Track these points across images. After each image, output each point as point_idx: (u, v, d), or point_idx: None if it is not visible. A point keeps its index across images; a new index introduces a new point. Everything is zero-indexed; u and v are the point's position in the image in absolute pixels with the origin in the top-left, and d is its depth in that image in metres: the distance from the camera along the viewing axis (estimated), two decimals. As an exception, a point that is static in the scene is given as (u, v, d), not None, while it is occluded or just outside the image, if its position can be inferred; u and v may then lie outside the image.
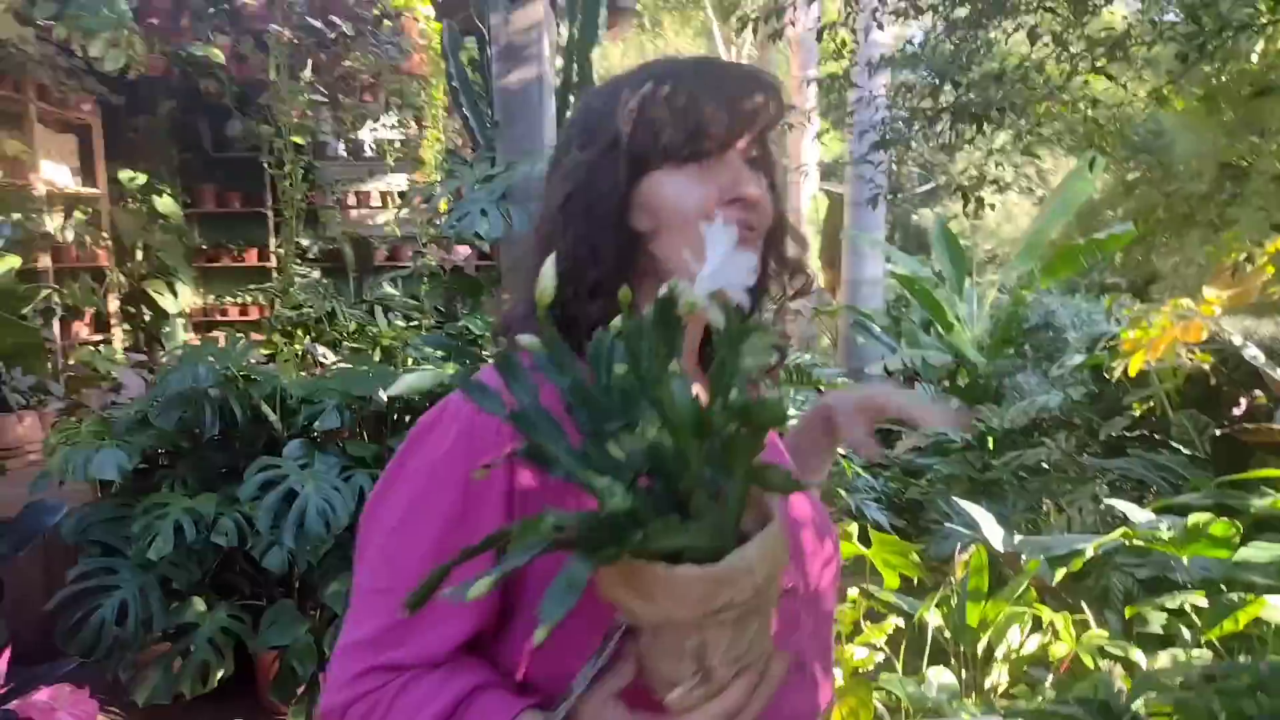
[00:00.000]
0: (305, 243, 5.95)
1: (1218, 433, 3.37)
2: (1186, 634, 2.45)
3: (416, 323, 4.16)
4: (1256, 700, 1.04)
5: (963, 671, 2.60)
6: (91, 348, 4.92)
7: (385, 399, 3.27)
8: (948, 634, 2.67)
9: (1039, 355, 5.43)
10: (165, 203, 5.70)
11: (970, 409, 5.12)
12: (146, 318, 5.69)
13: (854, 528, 2.71)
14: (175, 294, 5.71)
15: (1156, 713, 1.35)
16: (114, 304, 5.54)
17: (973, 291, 6.04)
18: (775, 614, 0.69)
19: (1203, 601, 2.44)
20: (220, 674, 3.04)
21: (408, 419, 3.36)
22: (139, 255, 5.72)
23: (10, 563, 3.40)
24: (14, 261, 1.71)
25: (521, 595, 0.81)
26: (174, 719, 3.24)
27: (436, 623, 0.79)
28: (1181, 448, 3.67)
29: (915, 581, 2.85)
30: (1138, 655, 2.31)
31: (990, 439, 4.87)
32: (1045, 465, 4.40)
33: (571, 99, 4.02)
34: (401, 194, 6.01)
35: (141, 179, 5.57)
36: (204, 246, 6.22)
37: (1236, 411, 3.33)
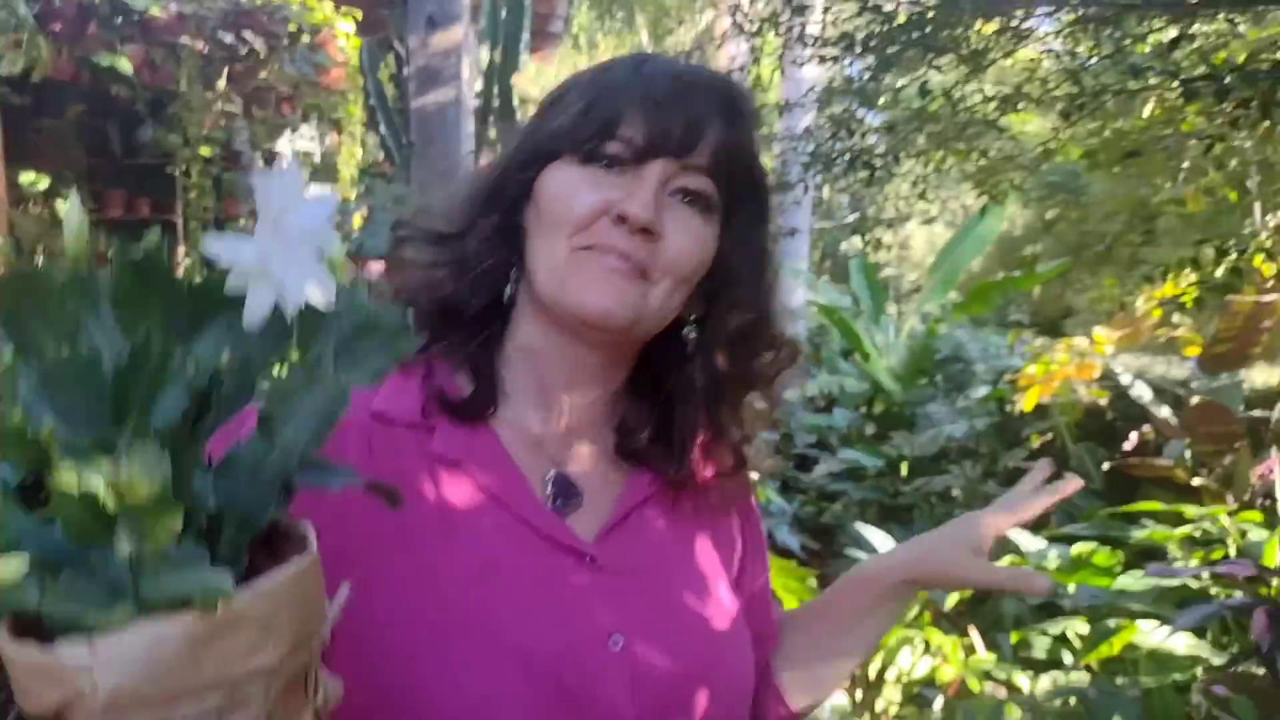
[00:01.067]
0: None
1: (1105, 466, 3.51)
2: (1069, 658, 2.53)
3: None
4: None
5: (857, 693, 2.65)
6: (-17, 358, 4.73)
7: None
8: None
9: (949, 386, 5.59)
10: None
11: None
12: (45, 328, 5.50)
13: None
14: (77, 304, 5.53)
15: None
16: (10, 313, 5.33)
17: (889, 322, 6.19)
18: None
19: (1084, 627, 2.53)
20: None
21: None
22: (40, 261, 5.53)
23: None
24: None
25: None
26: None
27: None
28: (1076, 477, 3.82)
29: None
30: (1021, 679, 2.38)
31: (903, 465, 4.99)
32: (953, 492, 4.53)
33: (491, 121, 4.05)
34: (318, 208, 5.94)
35: (45, 183, 5.40)
36: (109, 254, 6.04)
37: (1127, 446, 3.47)
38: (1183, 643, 2.29)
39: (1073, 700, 2.18)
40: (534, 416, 0.76)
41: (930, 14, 2.21)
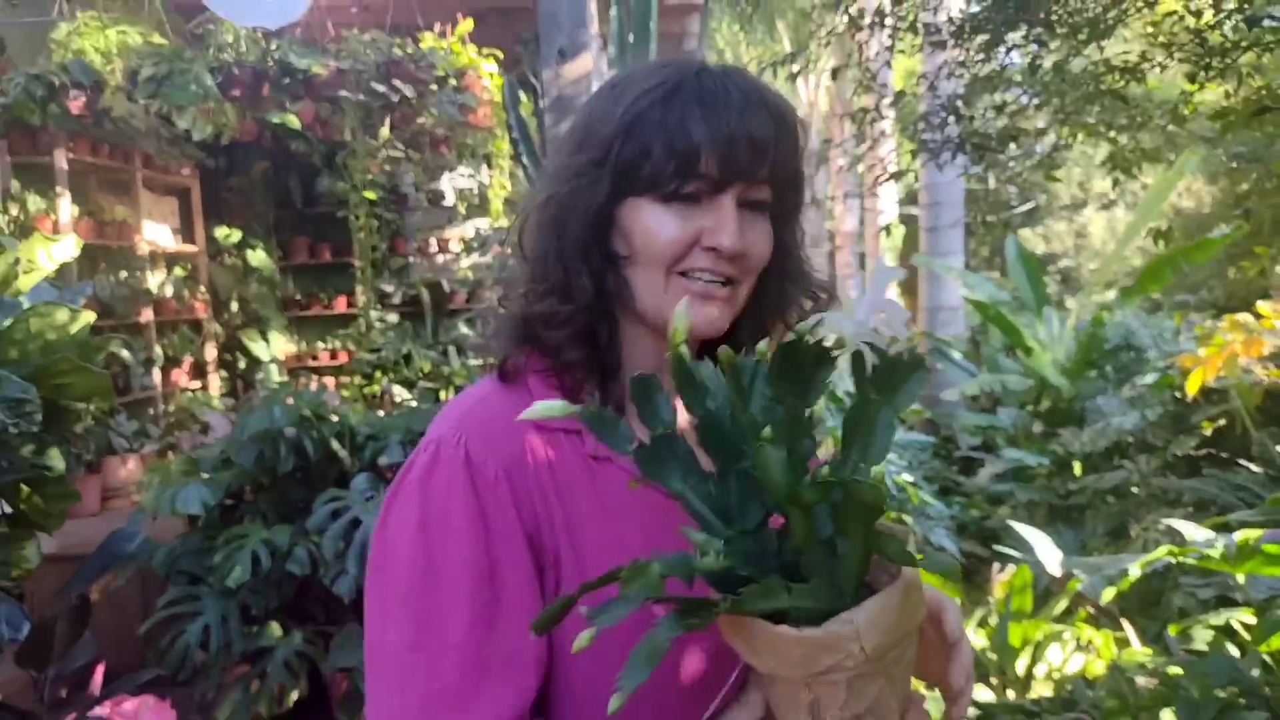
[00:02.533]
0: (389, 289, 6.26)
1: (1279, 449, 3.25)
2: (1236, 652, 2.38)
3: (482, 361, 4.33)
4: (1185, 691, 1.07)
5: (1007, 691, 2.58)
6: (190, 393, 5.30)
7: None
8: (992, 655, 2.66)
9: (1121, 377, 5.28)
10: (258, 256, 6.09)
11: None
12: (241, 365, 6.07)
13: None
14: (268, 341, 6.07)
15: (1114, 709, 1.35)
16: (211, 353, 5.94)
17: (1052, 313, 5.91)
18: (907, 675, 0.66)
19: (1251, 618, 2.37)
20: (295, 695, 3.22)
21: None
22: (234, 307, 6.12)
23: (111, 592, 3.71)
24: (89, 317, 1.96)
25: (559, 660, 0.78)
26: (254, 738, 3.44)
27: (503, 682, 0.75)
28: (1256, 465, 3.54)
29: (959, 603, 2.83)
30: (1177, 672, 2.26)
31: (1075, 463, 4.77)
32: (1134, 488, 4.29)
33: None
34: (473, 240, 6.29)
35: (237, 235, 5.98)
36: (297, 296, 6.62)
37: (1309, 426, 3.21)
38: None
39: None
40: None
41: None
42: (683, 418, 0.86)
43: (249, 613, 3.27)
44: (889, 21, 2.73)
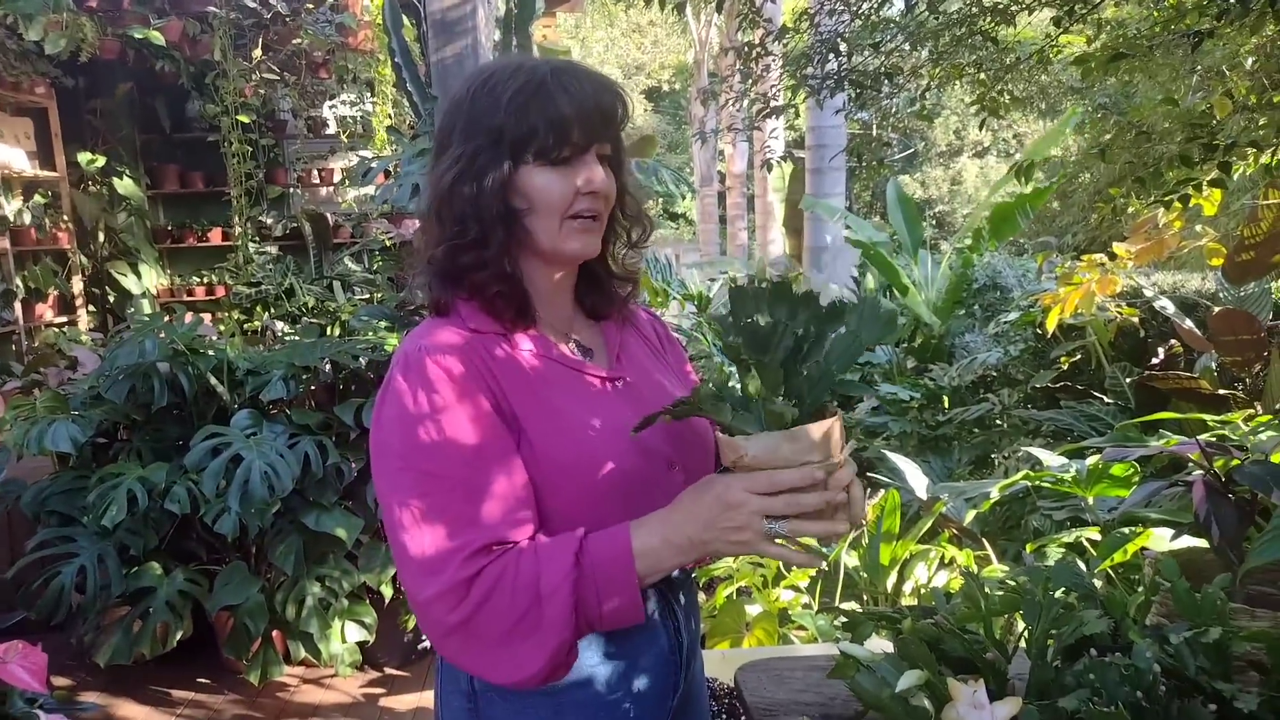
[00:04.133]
0: (268, 221, 6.03)
1: (1128, 381, 3.50)
2: (1083, 566, 2.58)
3: (368, 296, 4.24)
4: (1031, 595, 1.17)
5: (877, 604, 2.74)
6: (56, 329, 5.02)
7: (330, 370, 3.39)
8: (863, 573, 2.81)
9: (987, 315, 5.56)
10: (126, 184, 5.76)
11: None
12: (111, 299, 5.78)
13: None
14: (139, 275, 5.79)
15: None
16: (78, 286, 5.62)
17: (927, 255, 6.14)
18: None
19: (1098, 536, 2.57)
20: (179, 635, 3.16)
21: (353, 388, 3.47)
22: (101, 237, 5.79)
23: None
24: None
25: (540, 488, 1.05)
26: (136, 679, 3.38)
27: (504, 503, 1.01)
28: (1108, 397, 3.80)
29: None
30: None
31: (944, 397, 5.02)
32: (997, 419, 4.55)
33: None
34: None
35: (100, 161, 5.62)
36: (169, 227, 6.30)
37: (1156, 361, 3.46)
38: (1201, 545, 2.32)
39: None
40: (550, 316, 1.19)
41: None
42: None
43: (127, 553, 3.17)
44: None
